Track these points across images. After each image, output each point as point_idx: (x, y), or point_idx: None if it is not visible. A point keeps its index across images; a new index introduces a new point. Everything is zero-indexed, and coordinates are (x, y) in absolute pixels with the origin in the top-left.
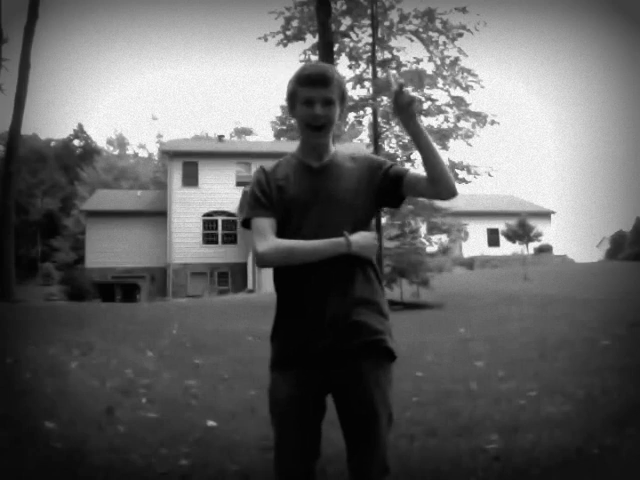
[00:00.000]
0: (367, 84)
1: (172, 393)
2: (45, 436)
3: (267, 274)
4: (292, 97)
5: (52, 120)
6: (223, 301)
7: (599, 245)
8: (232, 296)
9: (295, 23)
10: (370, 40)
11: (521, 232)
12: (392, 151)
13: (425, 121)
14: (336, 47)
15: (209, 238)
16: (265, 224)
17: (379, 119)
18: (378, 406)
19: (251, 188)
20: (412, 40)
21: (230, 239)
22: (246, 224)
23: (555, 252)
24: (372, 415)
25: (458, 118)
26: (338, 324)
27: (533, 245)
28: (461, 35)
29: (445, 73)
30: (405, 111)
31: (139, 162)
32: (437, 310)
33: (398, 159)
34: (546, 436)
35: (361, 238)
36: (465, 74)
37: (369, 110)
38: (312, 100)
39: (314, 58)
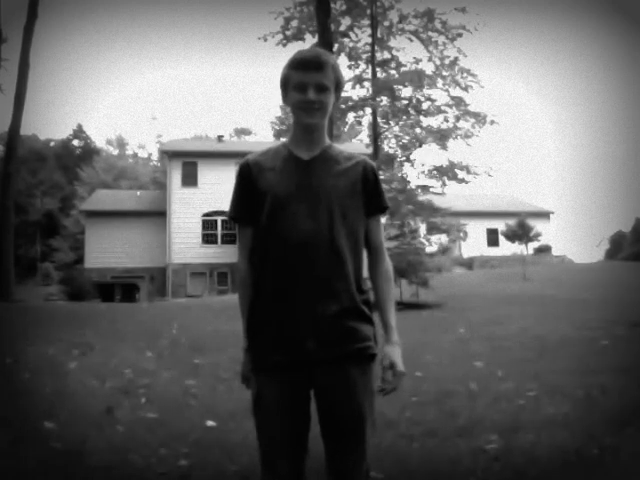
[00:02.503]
0: (366, 84)
1: (171, 393)
2: (44, 436)
3: None
4: (285, 83)
5: (52, 120)
6: (222, 301)
7: (598, 245)
8: (231, 296)
9: (295, 23)
10: (369, 40)
11: (520, 232)
12: (392, 151)
13: (425, 121)
14: (335, 47)
15: (208, 238)
16: (243, 235)
17: (378, 119)
18: (365, 408)
19: (235, 182)
20: (411, 40)
21: (229, 239)
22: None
23: (554, 252)
24: (358, 416)
25: (457, 118)
26: (327, 329)
27: (532, 245)
28: (460, 35)
29: (445, 73)
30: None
31: (138, 162)
32: (436, 310)
33: (398, 159)
34: (546, 436)
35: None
36: (464, 74)
37: (368, 110)
38: (305, 85)
39: None
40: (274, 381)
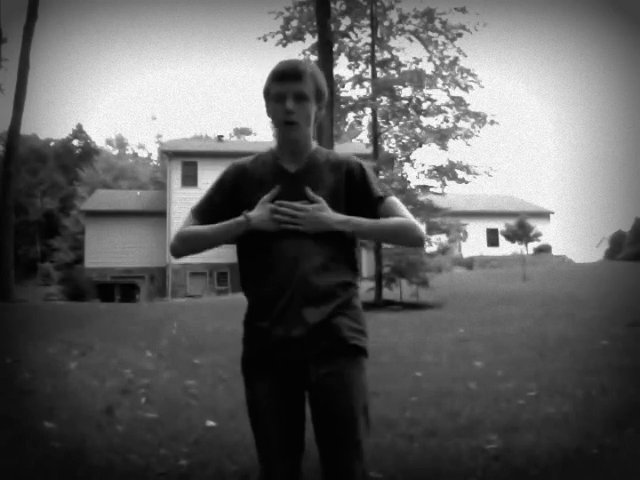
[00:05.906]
0: (366, 84)
1: (171, 393)
2: (44, 436)
3: None
4: (266, 95)
5: (52, 120)
6: (222, 301)
7: (598, 245)
8: (231, 296)
9: (294, 23)
10: (369, 40)
11: (520, 232)
12: (392, 151)
13: (425, 121)
14: (335, 47)
15: None
16: (188, 224)
17: (378, 119)
18: (357, 406)
19: (216, 180)
20: (411, 40)
21: None
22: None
23: (554, 252)
24: (350, 414)
25: (457, 118)
26: (319, 324)
27: (532, 245)
28: (460, 35)
29: (444, 73)
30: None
31: (138, 162)
32: (436, 310)
33: (398, 159)
34: (545, 436)
35: (260, 212)
36: (464, 74)
37: (368, 110)
38: (283, 95)
39: (313, 58)
40: (265, 377)
